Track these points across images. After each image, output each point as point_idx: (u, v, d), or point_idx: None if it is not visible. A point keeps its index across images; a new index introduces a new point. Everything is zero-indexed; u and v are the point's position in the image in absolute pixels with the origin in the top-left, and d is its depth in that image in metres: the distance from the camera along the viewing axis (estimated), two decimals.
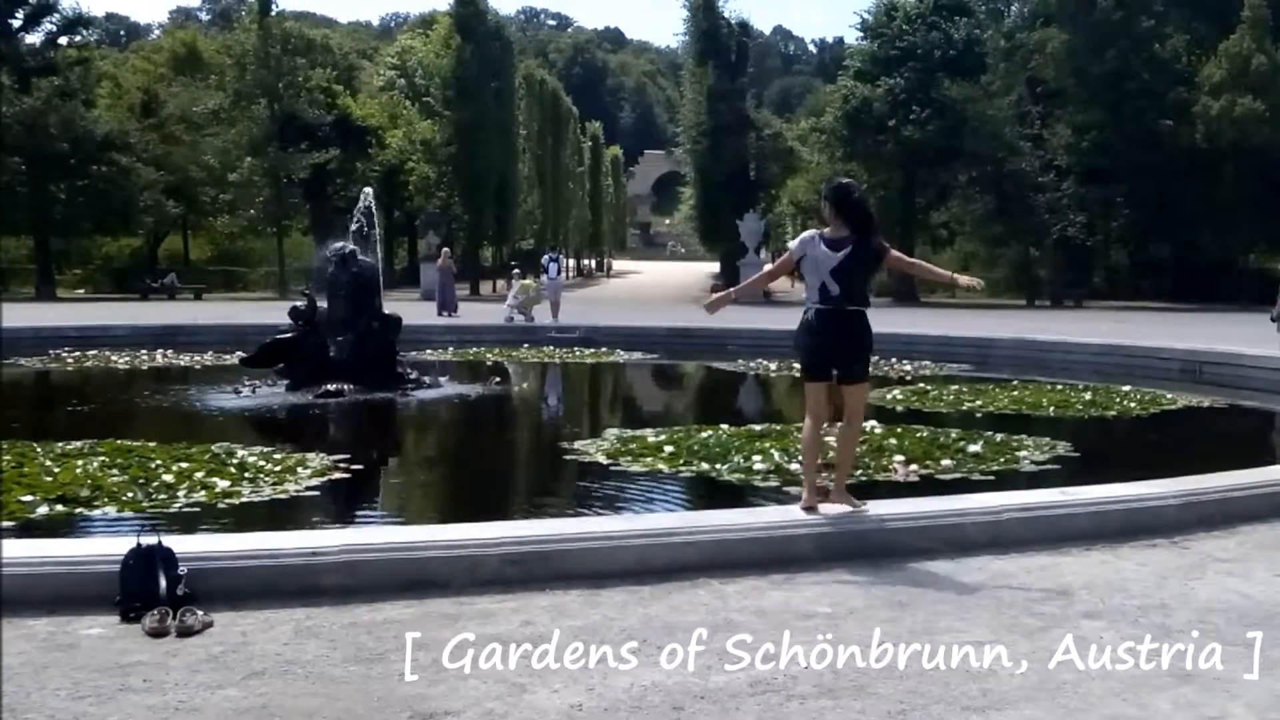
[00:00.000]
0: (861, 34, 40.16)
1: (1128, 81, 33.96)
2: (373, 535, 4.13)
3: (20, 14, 34.06)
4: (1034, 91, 37.45)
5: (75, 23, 35.59)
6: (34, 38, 34.89)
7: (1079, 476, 5.63)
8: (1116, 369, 12.48)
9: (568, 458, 6.75)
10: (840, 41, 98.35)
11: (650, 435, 7.12)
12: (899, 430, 7.18)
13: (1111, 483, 4.88)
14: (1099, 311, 30.05)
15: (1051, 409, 8.99)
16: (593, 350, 15.34)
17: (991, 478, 5.93)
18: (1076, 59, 34.97)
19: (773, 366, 12.78)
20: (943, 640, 3.24)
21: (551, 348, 15.65)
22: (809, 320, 4.40)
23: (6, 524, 4.67)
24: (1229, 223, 32.97)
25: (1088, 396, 9.66)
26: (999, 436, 7.11)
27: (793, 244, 4.56)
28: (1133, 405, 9.33)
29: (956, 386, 10.55)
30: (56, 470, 5.46)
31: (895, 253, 4.61)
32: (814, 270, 4.33)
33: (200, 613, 3.31)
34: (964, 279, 5.01)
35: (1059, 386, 10.45)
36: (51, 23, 34.90)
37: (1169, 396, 9.92)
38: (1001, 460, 6.40)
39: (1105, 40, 33.96)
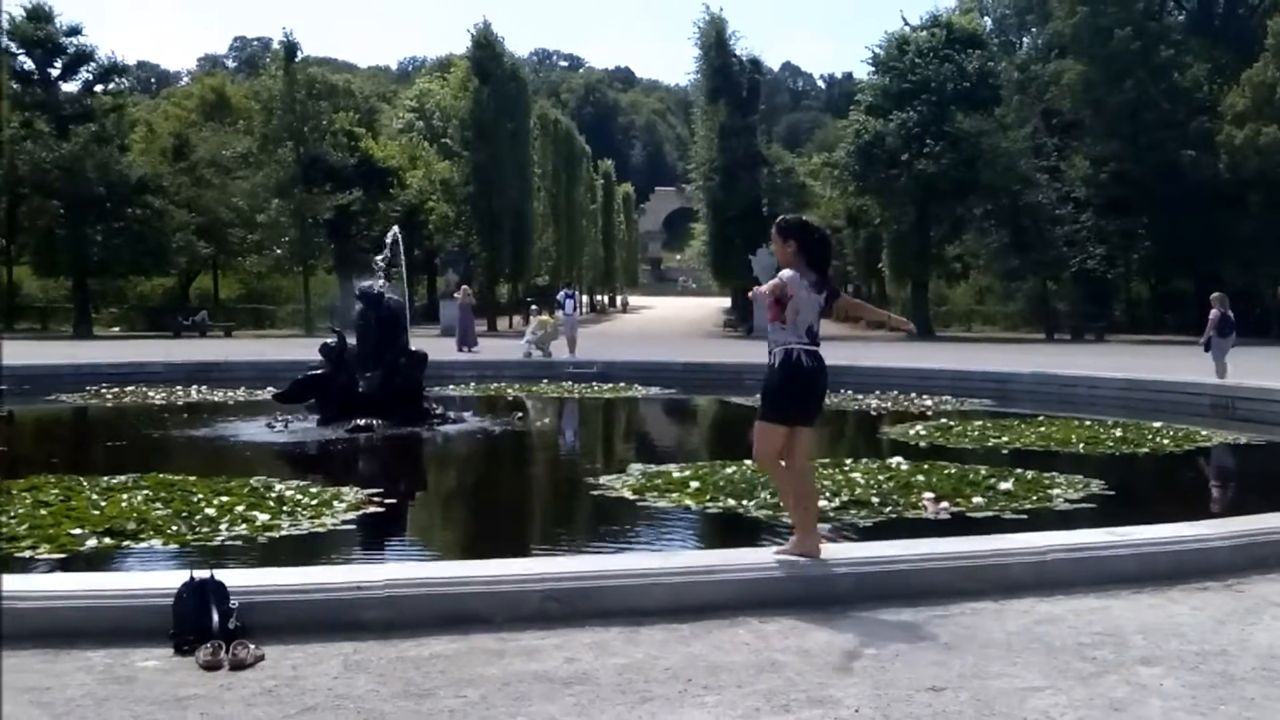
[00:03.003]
0: (873, 69, 40.54)
1: (1147, 112, 33.96)
2: (415, 570, 4.17)
3: (59, 63, 35.15)
4: (1050, 123, 37.59)
5: (110, 71, 36.56)
6: (71, 86, 35.98)
7: (1117, 516, 5.58)
8: (1144, 404, 12.36)
9: (595, 493, 6.77)
10: (849, 77, 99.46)
11: (675, 471, 7.14)
12: (926, 466, 7.16)
13: (1153, 523, 4.82)
14: (1120, 345, 29.83)
15: (1081, 445, 8.92)
16: (610, 385, 15.41)
17: (1024, 516, 5.88)
18: (1093, 90, 35.08)
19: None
20: (995, 684, 3.19)
21: (570, 383, 15.74)
22: (801, 364, 4.12)
23: (58, 556, 4.78)
24: (1254, 255, 32.67)
25: (1118, 433, 9.57)
26: (1029, 474, 7.06)
27: (786, 274, 4.16)
28: (1166, 442, 9.22)
29: (980, 422, 10.50)
30: (103, 504, 5.58)
31: (845, 296, 4.59)
32: (804, 311, 4.14)
33: (252, 646, 3.36)
34: (898, 319, 5.02)
35: (1087, 422, 10.37)
36: (88, 71, 35.90)
37: (1203, 433, 9.79)
38: (1034, 498, 6.35)
39: (1123, 70, 34.04)
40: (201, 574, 3.55)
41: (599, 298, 71.71)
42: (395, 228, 12.75)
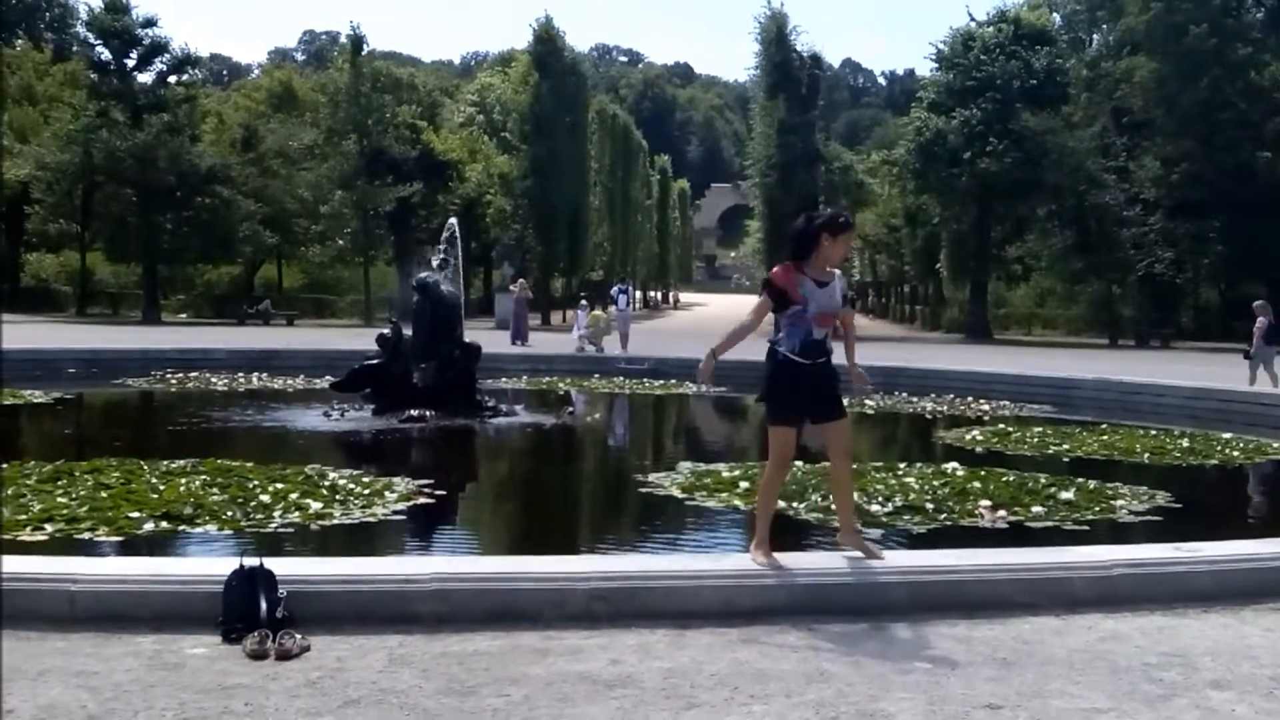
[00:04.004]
0: (936, 65, 39.76)
1: (1221, 111, 32.77)
2: (464, 565, 4.17)
3: (134, 54, 36.34)
4: (1119, 122, 36.45)
5: (183, 62, 37.71)
6: (146, 76, 37.14)
7: (1185, 529, 5.34)
8: (1212, 414, 11.90)
9: (643, 490, 6.73)
10: (911, 73, 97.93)
11: (724, 470, 7.07)
12: (982, 473, 6.96)
13: (1224, 538, 4.63)
14: (1187, 352, 28.78)
15: (1146, 455, 8.61)
16: (661, 382, 15.37)
17: (1086, 528, 5.68)
18: (1165, 88, 33.94)
19: (845, 402, 12.49)
20: (1056, 704, 3.07)
21: (621, 379, 15.74)
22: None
23: (116, 538, 4.90)
24: None
25: (1185, 443, 9.24)
26: (1091, 483, 6.82)
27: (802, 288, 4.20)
28: (1236, 454, 8.89)
29: (1040, 428, 10.21)
30: (162, 488, 5.71)
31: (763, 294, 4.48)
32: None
33: (298, 636, 3.37)
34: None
35: (1152, 431, 10.02)
36: (162, 62, 37.02)
37: (1275, 445, 9.42)
38: (1096, 509, 6.12)
39: (1197, 69, 32.87)
40: (251, 562, 3.59)
41: (652, 293, 71.73)
42: (453, 219, 12.87)
